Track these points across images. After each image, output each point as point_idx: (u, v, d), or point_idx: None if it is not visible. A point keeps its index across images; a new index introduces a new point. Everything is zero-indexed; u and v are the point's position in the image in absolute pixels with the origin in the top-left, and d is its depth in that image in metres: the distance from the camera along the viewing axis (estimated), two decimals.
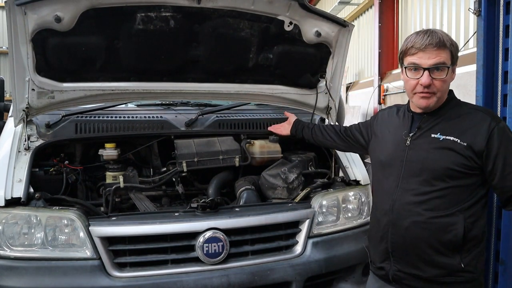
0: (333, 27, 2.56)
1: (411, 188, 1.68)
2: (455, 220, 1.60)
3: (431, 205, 1.63)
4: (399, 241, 1.70)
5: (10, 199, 2.09)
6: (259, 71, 2.73)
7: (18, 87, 2.33)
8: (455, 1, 5.79)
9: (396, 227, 1.70)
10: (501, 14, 2.24)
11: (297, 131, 2.55)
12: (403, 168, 1.71)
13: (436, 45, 1.61)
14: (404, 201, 1.69)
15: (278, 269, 2.20)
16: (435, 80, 1.62)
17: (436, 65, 1.61)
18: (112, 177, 2.59)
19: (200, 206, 2.21)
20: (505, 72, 2.24)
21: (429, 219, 1.63)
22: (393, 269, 1.72)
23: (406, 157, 1.71)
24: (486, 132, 1.58)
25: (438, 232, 1.62)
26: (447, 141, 1.62)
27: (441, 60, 1.62)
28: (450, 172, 1.60)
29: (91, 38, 2.32)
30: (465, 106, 1.71)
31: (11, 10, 2.08)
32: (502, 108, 2.28)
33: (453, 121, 1.66)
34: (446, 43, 1.62)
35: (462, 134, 1.61)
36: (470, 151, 1.58)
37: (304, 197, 2.52)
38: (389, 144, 1.82)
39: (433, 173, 1.63)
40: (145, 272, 2.07)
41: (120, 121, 2.67)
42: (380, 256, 1.78)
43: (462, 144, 1.59)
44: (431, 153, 1.65)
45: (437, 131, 1.66)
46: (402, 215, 1.68)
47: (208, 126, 2.82)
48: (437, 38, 1.61)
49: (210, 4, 2.31)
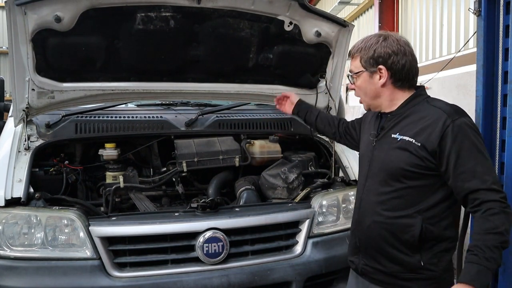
0: (333, 27, 2.56)
1: (373, 187, 1.71)
2: (413, 222, 1.59)
3: (389, 205, 1.64)
4: (363, 238, 1.75)
5: (10, 199, 2.09)
6: (259, 71, 2.73)
7: (18, 87, 2.33)
8: (455, 1, 5.79)
9: (361, 224, 1.75)
10: (501, 14, 2.23)
11: (299, 113, 2.39)
12: (369, 168, 1.74)
13: (350, 56, 1.75)
14: (368, 200, 1.73)
15: (278, 269, 2.20)
16: (354, 86, 1.76)
17: (348, 75, 1.76)
18: (112, 177, 2.59)
19: (200, 206, 2.21)
20: (505, 72, 2.24)
21: (387, 219, 1.64)
22: (361, 263, 1.76)
23: (372, 157, 1.74)
24: (440, 130, 1.54)
25: (396, 232, 1.63)
26: (403, 141, 1.61)
27: (350, 68, 1.74)
28: (405, 173, 1.59)
29: (91, 38, 2.32)
30: (428, 103, 1.66)
31: (11, 10, 2.08)
32: (502, 108, 2.27)
33: (412, 120, 1.64)
34: (355, 52, 1.71)
35: (418, 133, 1.58)
36: (424, 151, 1.56)
37: (304, 197, 2.52)
38: (363, 144, 1.87)
39: (389, 173, 1.64)
40: (145, 272, 2.07)
41: (120, 121, 2.67)
42: (352, 250, 1.83)
43: (416, 144, 1.57)
44: (388, 154, 1.65)
45: (396, 131, 1.65)
46: (365, 214, 1.73)
47: (208, 126, 2.82)
48: (352, 48, 1.73)
49: (210, 4, 2.31)
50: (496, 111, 2.31)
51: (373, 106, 1.76)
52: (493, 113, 2.32)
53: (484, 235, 1.46)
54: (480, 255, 1.44)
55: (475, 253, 1.45)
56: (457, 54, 4.86)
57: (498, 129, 2.29)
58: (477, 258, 1.44)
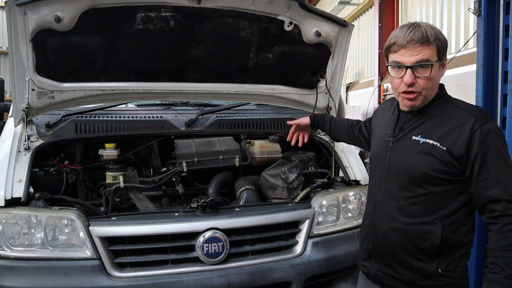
0: (333, 27, 2.56)
1: (391, 191, 1.62)
2: (433, 229, 1.52)
3: (408, 211, 1.57)
4: (378, 244, 1.67)
5: (10, 199, 2.09)
6: (259, 71, 2.73)
7: (18, 87, 2.33)
8: (455, 1, 5.79)
9: (376, 229, 1.67)
10: (501, 14, 2.24)
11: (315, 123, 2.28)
12: (385, 170, 1.65)
13: (419, 41, 1.48)
14: (384, 204, 1.64)
15: (278, 269, 2.20)
16: (418, 79, 1.51)
17: (418, 62, 1.49)
18: (112, 177, 2.59)
19: (200, 206, 2.21)
20: (505, 72, 2.24)
21: (406, 225, 1.57)
22: (374, 268, 1.70)
23: (388, 158, 1.64)
24: (468, 135, 1.45)
25: (415, 239, 1.56)
26: (426, 144, 1.53)
27: (424, 57, 1.49)
28: (427, 178, 1.52)
29: (91, 38, 2.32)
30: (452, 105, 1.57)
31: (11, 10, 2.08)
32: (502, 108, 2.28)
33: (436, 122, 1.55)
34: (429, 38, 1.48)
35: (443, 137, 1.50)
36: (449, 156, 1.48)
37: (304, 197, 2.52)
38: (377, 142, 1.78)
39: (410, 178, 1.56)
40: (145, 272, 2.07)
41: (120, 121, 2.67)
42: (364, 254, 1.77)
43: (442, 148, 1.49)
44: (409, 157, 1.57)
45: (418, 133, 1.57)
46: (381, 219, 1.65)
47: (208, 126, 2.82)
48: (420, 33, 1.48)
49: (210, 4, 2.31)
50: (496, 111, 2.32)
51: (424, 102, 1.57)
52: (493, 113, 2.33)
53: (503, 252, 1.41)
54: (499, 274, 1.40)
55: (494, 271, 1.41)
56: (457, 54, 4.87)
57: None
58: (496, 276, 1.40)
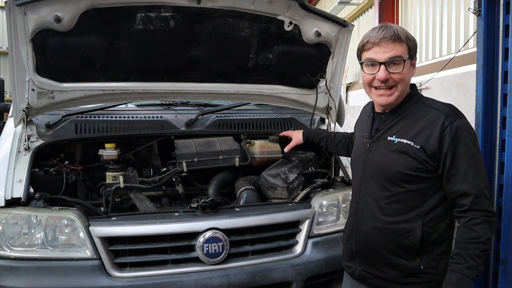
0: (333, 27, 2.56)
1: (371, 192, 1.67)
2: (413, 226, 1.57)
3: (388, 210, 1.62)
4: (361, 244, 1.71)
5: (10, 199, 2.09)
6: (259, 71, 2.73)
7: (18, 87, 2.33)
8: (455, 1, 5.79)
9: (358, 230, 1.72)
10: (501, 14, 2.24)
11: (309, 140, 2.54)
12: (364, 171, 1.70)
13: (391, 38, 1.55)
14: (365, 205, 1.69)
15: (278, 269, 2.20)
16: (392, 74, 1.57)
17: (391, 58, 1.56)
18: (112, 177, 2.59)
19: (200, 206, 2.21)
20: (505, 72, 2.24)
21: (387, 224, 1.62)
22: (358, 268, 1.74)
23: (366, 159, 1.70)
24: (439, 132, 1.51)
25: (396, 238, 1.61)
26: (401, 144, 1.57)
27: (397, 53, 1.56)
28: (404, 177, 1.56)
29: (91, 38, 2.32)
30: (423, 104, 1.62)
31: (11, 10, 2.08)
32: (502, 108, 2.28)
33: (409, 121, 1.60)
34: (401, 36, 1.56)
35: (416, 135, 1.55)
36: (423, 154, 1.53)
37: (304, 197, 2.52)
38: (356, 145, 1.84)
39: (387, 177, 1.60)
40: (145, 272, 2.07)
41: (120, 121, 2.67)
42: (347, 255, 1.81)
43: (415, 146, 1.54)
44: (385, 157, 1.62)
45: (393, 133, 1.62)
46: (363, 219, 1.69)
47: (208, 126, 2.82)
48: (392, 32, 1.56)
49: (210, 4, 2.31)
50: (496, 111, 2.32)
51: (398, 100, 1.64)
52: (493, 113, 2.33)
53: (467, 244, 1.49)
54: (462, 264, 1.48)
55: (458, 261, 1.49)
56: (457, 54, 4.87)
57: (498, 129, 2.30)
58: (459, 266, 1.49)
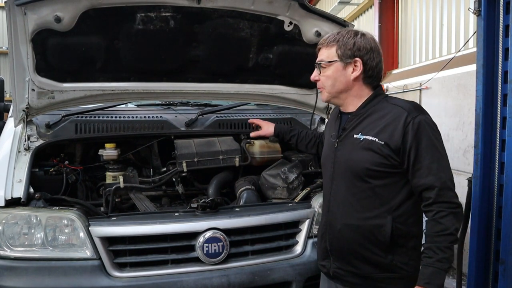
0: (333, 27, 2.56)
1: (340, 189, 1.71)
2: (383, 222, 1.61)
3: (358, 207, 1.65)
4: (334, 242, 1.74)
5: (10, 199, 2.09)
6: (259, 71, 2.73)
7: (18, 87, 2.33)
8: (455, 1, 5.79)
9: (331, 228, 1.75)
10: (501, 14, 2.24)
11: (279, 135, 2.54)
12: (333, 169, 1.74)
13: (321, 44, 1.74)
14: (336, 203, 1.73)
15: (278, 269, 2.20)
16: (321, 76, 1.73)
17: (318, 62, 1.74)
18: (112, 177, 2.59)
19: (200, 206, 2.21)
20: (505, 72, 2.24)
21: (358, 221, 1.65)
22: (333, 266, 1.76)
23: (334, 158, 1.74)
24: (402, 128, 1.56)
25: (368, 234, 1.64)
26: (366, 140, 1.62)
27: (321, 57, 1.72)
28: (370, 172, 1.60)
29: (91, 38, 2.32)
30: (387, 102, 1.68)
31: (11, 10, 2.08)
32: (502, 108, 2.28)
33: (373, 119, 1.65)
34: (330, 42, 1.69)
35: (380, 132, 1.60)
36: (387, 149, 1.57)
37: (304, 197, 2.52)
38: (326, 145, 1.88)
39: (355, 174, 1.64)
40: (145, 272, 2.07)
41: (120, 121, 2.67)
42: (322, 254, 1.83)
43: (380, 142, 1.58)
44: (352, 154, 1.66)
45: (358, 131, 1.66)
46: (335, 217, 1.73)
47: (208, 126, 2.82)
48: (325, 38, 1.73)
49: (210, 4, 2.31)
50: (496, 111, 2.31)
51: (335, 100, 1.75)
52: (493, 113, 2.33)
53: (436, 237, 1.53)
54: (433, 258, 1.52)
55: (429, 255, 1.53)
56: (457, 54, 4.86)
57: (498, 129, 2.30)
58: (430, 260, 1.52)
